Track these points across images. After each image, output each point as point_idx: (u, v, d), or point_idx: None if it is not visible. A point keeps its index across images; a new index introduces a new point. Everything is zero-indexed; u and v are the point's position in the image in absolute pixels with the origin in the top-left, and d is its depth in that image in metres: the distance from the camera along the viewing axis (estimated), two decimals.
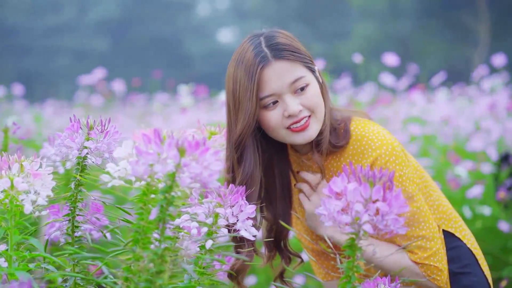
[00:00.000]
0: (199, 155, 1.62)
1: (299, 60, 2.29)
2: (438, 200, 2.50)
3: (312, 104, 2.28)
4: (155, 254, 1.63)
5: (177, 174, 1.62)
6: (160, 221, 1.64)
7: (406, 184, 2.31)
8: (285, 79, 2.26)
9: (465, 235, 2.51)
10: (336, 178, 1.73)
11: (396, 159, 2.29)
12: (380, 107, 5.74)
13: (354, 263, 1.74)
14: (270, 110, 2.29)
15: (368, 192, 1.69)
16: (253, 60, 2.26)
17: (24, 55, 28.83)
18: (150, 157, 1.62)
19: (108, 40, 30.60)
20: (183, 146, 1.62)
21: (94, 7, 30.91)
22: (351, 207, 1.69)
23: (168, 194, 1.64)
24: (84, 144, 1.91)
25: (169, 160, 1.61)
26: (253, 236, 1.93)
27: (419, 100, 5.92)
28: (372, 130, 2.35)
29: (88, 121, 1.93)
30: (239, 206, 1.91)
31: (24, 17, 29.78)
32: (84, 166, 1.94)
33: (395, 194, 1.71)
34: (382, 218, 1.69)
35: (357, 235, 1.71)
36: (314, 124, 2.31)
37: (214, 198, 1.90)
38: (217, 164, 1.64)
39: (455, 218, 2.52)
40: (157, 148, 1.62)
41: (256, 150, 2.35)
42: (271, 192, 2.50)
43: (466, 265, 2.47)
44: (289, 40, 2.32)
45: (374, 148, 2.30)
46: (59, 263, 1.81)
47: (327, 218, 1.72)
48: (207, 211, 1.91)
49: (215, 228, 1.89)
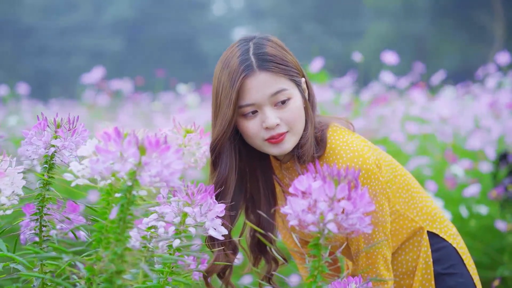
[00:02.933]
0: (159, 153, 1.61)
1: (283, 73, 2.26)
2: (422, 202, 2.48)
3: (291, 119, 2.26)
4: (114, 253, 1.61)
5: (137, 173, 1.60)
6: (120, 221, 1.63)
7: (371, 198, 2.28)
8: (267, 91, 2.24)
9: (451, 235, 2.49)
10: (301, 176, 1.71)
11: (366, 173, 2.26)
12: (379, 106, 5.71)
13: (320, 262, 1.72)
14: (249, 119, 2.27)
15: (332, 191, 1.67)
16: (237, 67, 2.24)
17: (40, 54, 28.93)
18: (110, 156, 1.60)
19: (123, 39, 30.64)
20: (143, 144, 1.60)
21: (109, 7, 30.96)
22: (316, 206, 1.67)
23: (128, 193, 1.63)
24: (51, 142, 1.89)
25: (129, 159, 1.60)
26: (222, 236, 1.91)
27: (419, 99, 5.88)
28: (346, 140, 2.32)
29: (55, 119, 1.91)
30: (208, 205, 1.90)
31: (40, 17, 29.89)
32: (52, 165, 1.92)
33: (360, 193, 1.69)
34: (347, 217, 1.67)
35: (321, 234, 1.69)
36: (290, 138, 2.28)
37: (182, 197, 1.88)
38: (178, 162, 1.63)
39: (439, 218, 2.50)
40: (117, 146, 1.60)
41: (233, 155, 2.33)
42: (256, 197, 2.48)
43: (451, 266, 2.44)
44: (277, 50, 2.29)
45: (345, 159, 2.26)
46: (24, 264, 1.79)
47: (292, 217, 1.70)
48: (176, 210, 1.89)
49: (183, 228, 1.87)
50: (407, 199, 2.44)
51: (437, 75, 6.31)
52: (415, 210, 2.44)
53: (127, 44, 30.69)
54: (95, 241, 1.67)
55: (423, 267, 2.43)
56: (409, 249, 2.44)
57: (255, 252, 2.53)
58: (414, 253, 2.44)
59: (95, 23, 30.40)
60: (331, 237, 1.70)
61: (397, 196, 2.42)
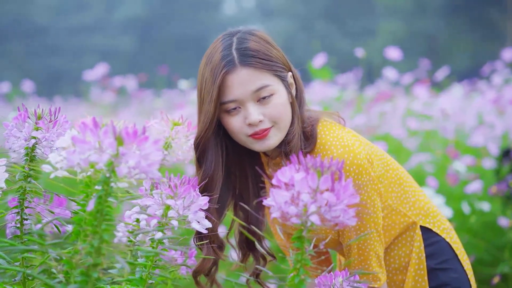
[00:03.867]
0: (137, 144, 1.57)
1: (266, 68, 2.21)
2: (414, 196, 2.43)
3: (274, 115, 2.21)
4: (91, 246, 1.57)
5: (115, 164, 1.57)
6: (98, 213, 1.59)
7: (362, 193, 2.24)
8: (248, 87, 2.19)
9: (444, 229, 2.44)
10: (284, 168, 1.67)
11: (357, 168, 2.22)
12: (381, 103, 5.66)
13: (303, 255, 1.68)
14: (232, 115, 2.23)
15: (315, 182, 1.63)
16: (219, 63, 2.20)
17: (51, 54, 28.99)
18: (87, 146, 1.57)
19: (135, 38, 30.66)
20: (120, 134, 1.57)
21: (120, 6, 31.00)
22: (299, 198, 1.63)
23: (106, 185, 1.59)
24: (32, 134, 1.86)
25: (107, 150, 1.56)
26: (206, 230, 1.87)
27: (422, 95, 5.82)
28: (337, 135, 2.27)
29: (36, 110, 1.88)
30: (191, 197, 1.86)
31: (51, 16, 29.96)
32: (33, 157, 1.89)
33: (344, 184, 1.65)
34: (330, 209, 1.63)
35: (304, 226, 1.65)
36: (275, 134, 2.24)
37: (165, 189, 1.85)
38: (157, 154, 1.59)
39: (433, 212, 2.45)
40: (94, 137, 1.57)
41: (219, 152, 2.30)
42: (244, 194, 2.45)
43: (445, 261, 2.40)
44: (260, 45, 2.24)
45: (336, 155, 2.22)
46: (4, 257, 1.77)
47: (275, 209, 1.66)
48: (158, 202, 1.85)
49: (165, 220, 1.84)
50: (399, 194, 2.40)
51: (441, 71, 6.25)
52: (407, 204, 2.40)
53: (139, 43, 30.72)
54: (73, 233, 1.63)
55: (416, 263, 2.39)
56: (401, 244, 2.40)
57: (243, 249, 2.49)
58: (407, 248, 2.40)
59: (107, 22, 30.44)
60: (314, 229, 1.66)
61: (389, 191, 2.38)
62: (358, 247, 2.27)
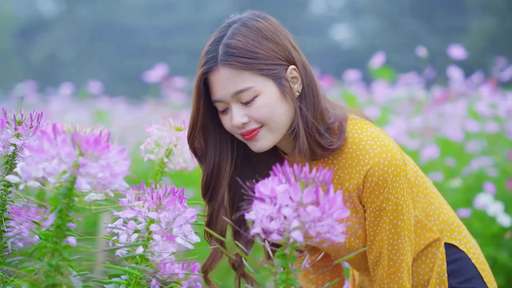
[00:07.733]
0: (98, 153, 1.44)
1: (248, 68, 2.01)
2: (439, 209, 2.22)
3: (259, 117, 2.03)
4: (49, 265, 1.45)
5: (74, 175, 1.43)
6: (58, 228, 1.46)
7: (399, 197, 2.04)
8: (228, 90, 2.02)
9: (470, 248, 2.23)
10: (267, 179, 1.51)
11: (395, 169, 2.02)
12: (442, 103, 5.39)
13: (288, 275, 1.51)
14: (224, 114, 2.08)
15: (299, 195, 1.46)
16: (204, 59, 2.06)
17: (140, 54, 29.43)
18: (43, 156, 1.44)
19: None
20: (79, 142, 1.43)
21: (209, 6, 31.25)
22: (280, 212, 1.47)
23: (67, 198, 1.46)
24: (11, 140, 1.74)
25: (65, 160, 1.43)
26: None
27: (486, 95, 5.52)
28: (371, 134, 2.08)
29: (14, 115, 1.76)
30: (176, 209, 1.71)
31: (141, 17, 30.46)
32: (13, 165, 1.78)
33: (330, 197, 1.47)
34: (315, 224, 1.45)
35: (287, 243, 1.48)
36: (265, 135, 2.05)
37: (147, 201, 1.71)
38: (122, 163, 1.45)
39: (458, 228, 2.24)
40: (50, 145, 1.44)
41: (226, 146, 2.14)
42: None
43: (467, 280, 2.18)
44: (246, 40, 2.04)
45: (372, 155, 2.03)
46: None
47: (256, 224, 1.50)
48: (141, 215, 1.71)
49: (147, 235, 1.70)
50: (425, 205, 2.19)
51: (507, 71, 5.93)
52: (432, 217, 2.19)
53: None
54: (38, 249, 1.51)
55: (437, 282, 2.17)
56: (421, 261, 2.19)
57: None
58: (427, 266, 2.19)
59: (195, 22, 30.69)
60: (302, 246, 1.49)
61: (416, 200, 2.17)
62: (389, 257, 2.08)
